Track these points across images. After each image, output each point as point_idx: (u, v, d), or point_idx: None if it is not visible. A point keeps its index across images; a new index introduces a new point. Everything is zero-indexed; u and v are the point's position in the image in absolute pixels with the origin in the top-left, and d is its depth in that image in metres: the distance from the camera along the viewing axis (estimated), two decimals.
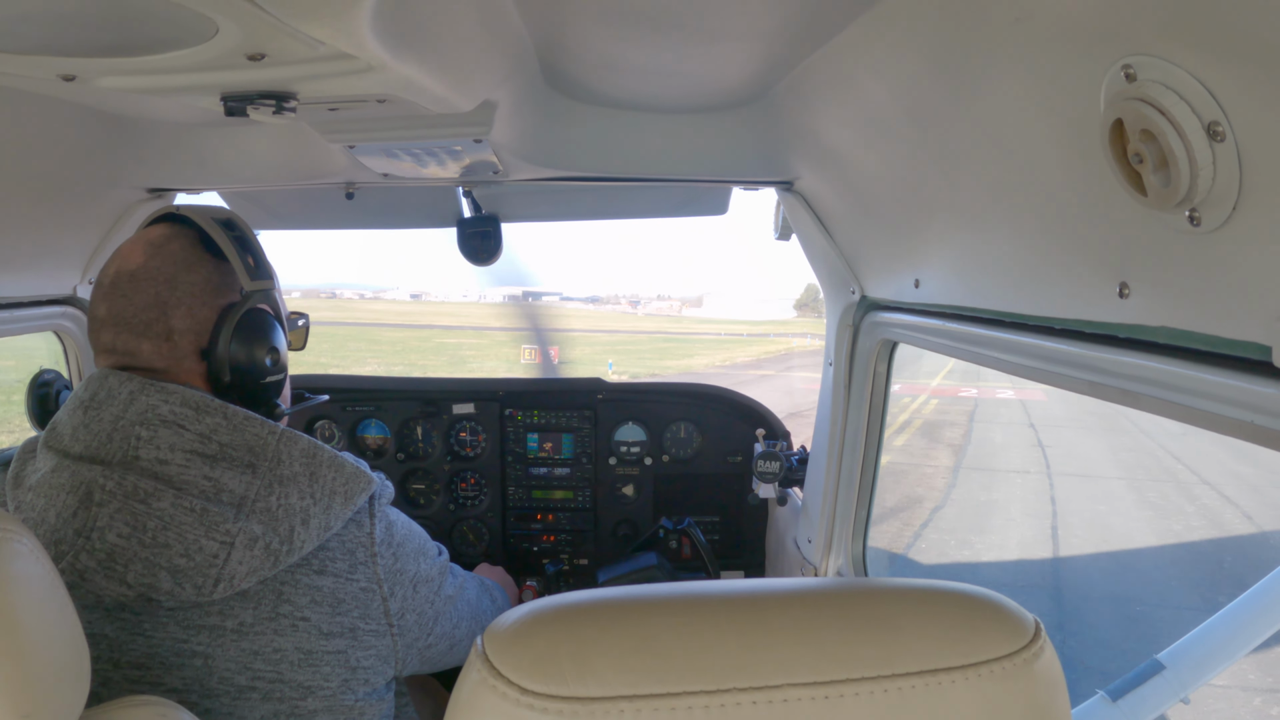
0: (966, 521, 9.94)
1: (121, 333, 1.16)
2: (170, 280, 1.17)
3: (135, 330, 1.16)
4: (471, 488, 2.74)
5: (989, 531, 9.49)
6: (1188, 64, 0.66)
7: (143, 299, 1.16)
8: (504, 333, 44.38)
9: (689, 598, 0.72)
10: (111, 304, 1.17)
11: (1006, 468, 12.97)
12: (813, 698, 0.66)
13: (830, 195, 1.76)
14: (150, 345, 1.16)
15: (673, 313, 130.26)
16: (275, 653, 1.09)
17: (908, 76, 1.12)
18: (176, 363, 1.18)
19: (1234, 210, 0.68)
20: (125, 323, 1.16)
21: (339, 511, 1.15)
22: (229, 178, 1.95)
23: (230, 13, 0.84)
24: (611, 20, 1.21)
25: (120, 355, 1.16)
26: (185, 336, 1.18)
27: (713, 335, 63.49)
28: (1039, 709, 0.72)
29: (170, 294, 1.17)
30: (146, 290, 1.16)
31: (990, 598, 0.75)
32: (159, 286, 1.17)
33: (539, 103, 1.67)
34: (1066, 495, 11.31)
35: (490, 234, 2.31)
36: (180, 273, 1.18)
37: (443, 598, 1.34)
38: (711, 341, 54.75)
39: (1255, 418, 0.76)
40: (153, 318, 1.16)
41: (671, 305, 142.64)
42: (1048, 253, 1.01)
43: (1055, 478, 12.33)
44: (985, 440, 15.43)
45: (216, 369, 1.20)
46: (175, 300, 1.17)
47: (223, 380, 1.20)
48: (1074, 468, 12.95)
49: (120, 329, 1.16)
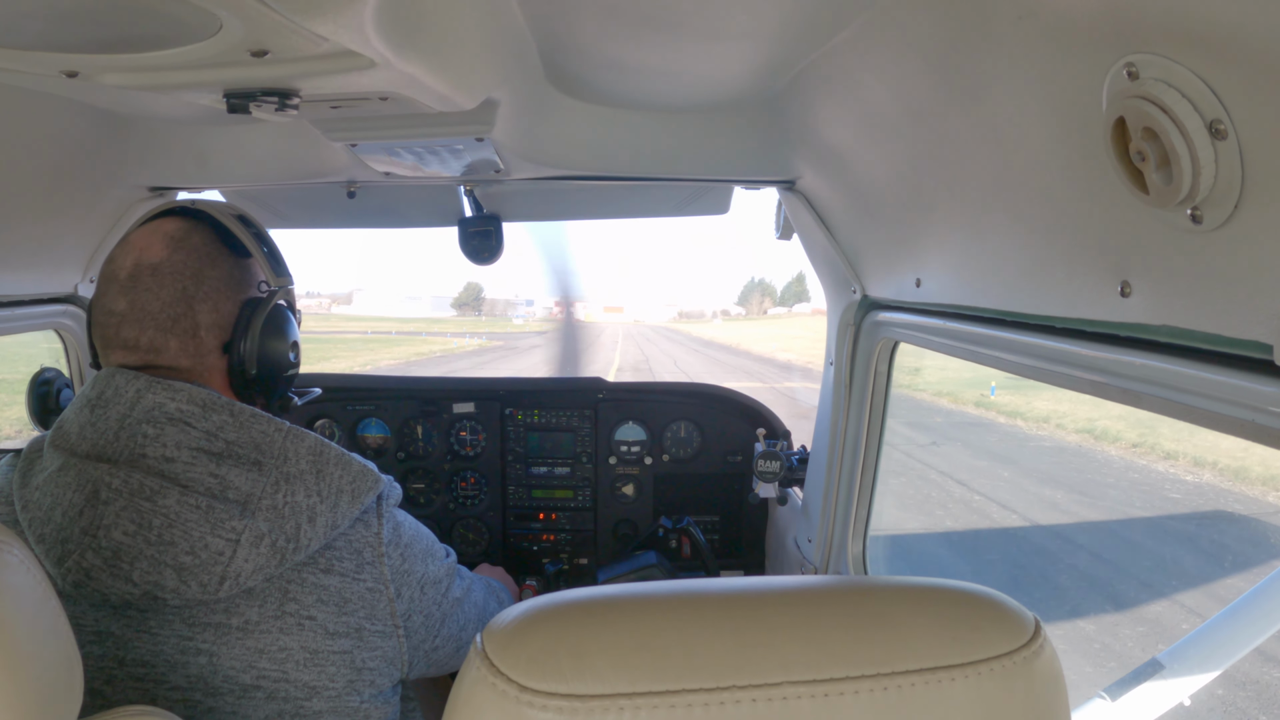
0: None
1: (147, 328, 1.14)
2: (196, 275, 1.16)
3: (162, 326, 1.14)
4: (471, 487, 2.74)
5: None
6: (1190, 62, 0.66)
7: (169, 294, 1.15)
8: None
9: (688, 595, 0.72)
10: (134, 298, 1.14)
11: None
12: (812, 695, 0.66)
13: (831, 194, 1.76)
14: (177, 341, 1.15)
15: (322, 310, 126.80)
16: (281, 651, 1.09)
17: (909, 75, 1.12)
18: (200, 359, 1.17)
19: (1236, 209, 0.68)
20: (151, 317, 1.14)
21: (346, 509, 1.15)
22: (231, 176, 1.95)
23: (234, 9, 0.84)
24: (614, 19, 1.21)
25: (143, 351, 1.15)
26: (210, 332, 1.17)
27: (358, 334, 60.13)
28: (1039, 707, 0.72)
29: (196, 289, 1.16)
30: (172, 285, 1.15)
31: (990, 596, 0.75)
32: (185, 281, 1.15)
33: (541, 101, 1.67)
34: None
35: (492, 233, 2.30)
36: (205, 267, 1.18)
37: (450, 600, 1.33)
38: (356, 342, 50.47)
39: (1257, 417, 0.76)
40: (180, 312, 1.15)
41: (321, 303, 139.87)
42: (1049, 252, 1.01)
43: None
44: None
45: (241, 364, 1.20)
46: (201, 295, 1.16)
47: (248, 375, 1.20)
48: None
49: (145, 324, 1.14)
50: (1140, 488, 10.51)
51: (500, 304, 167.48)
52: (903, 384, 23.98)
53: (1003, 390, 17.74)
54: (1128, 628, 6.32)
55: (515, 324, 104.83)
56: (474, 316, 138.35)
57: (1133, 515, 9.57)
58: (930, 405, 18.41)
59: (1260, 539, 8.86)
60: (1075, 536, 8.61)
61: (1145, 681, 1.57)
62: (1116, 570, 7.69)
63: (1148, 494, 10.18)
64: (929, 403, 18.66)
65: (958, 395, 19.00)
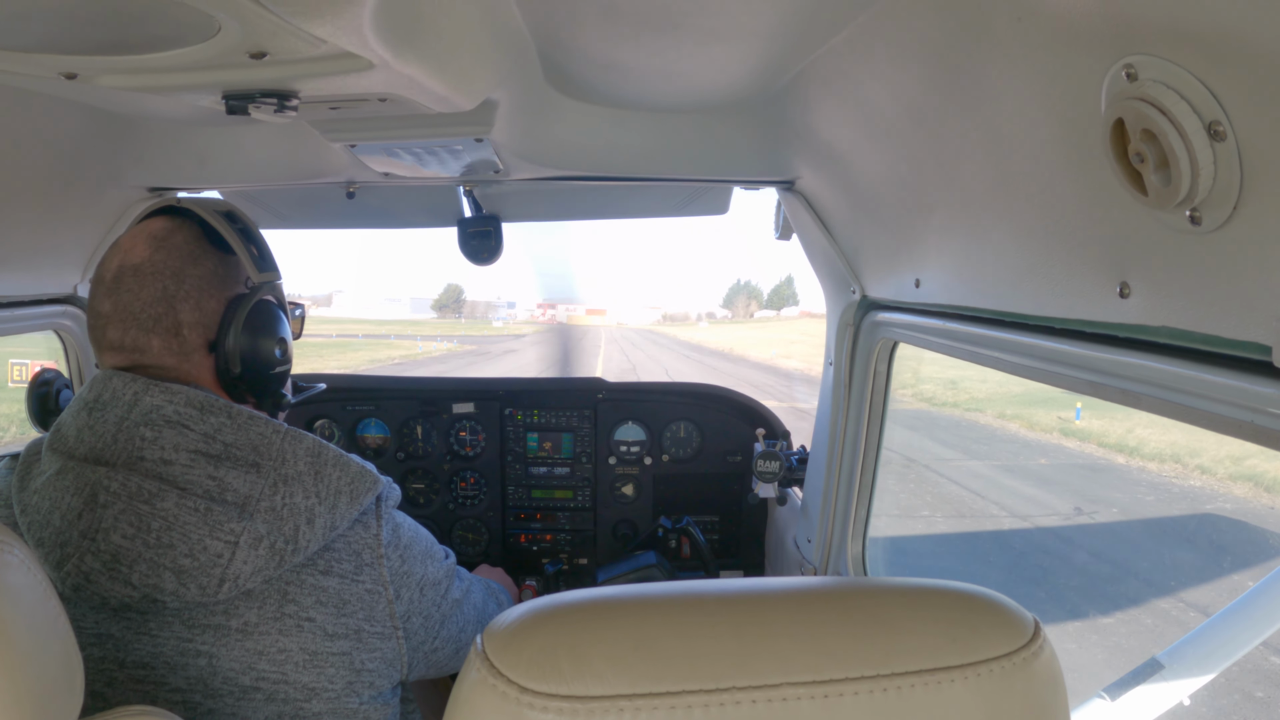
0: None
1: (130, 329, 1.15)
2: (176, 274, 1.16)
3: (144, 326, 1.15)
4: (471, 487, 2.74)
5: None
6: (1189, 64, 0.66)
7: (149, 294, 1.15)
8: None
9: (688, 596, 0.72)
10: (117, 299, 1.15)
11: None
12: (811, 696, 0.66)
13: (831, 195, 1.76)
14: (160, 340, 1.15)
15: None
16: (280, 653, 1.08)
17: (908, 76, 1.13)
18: (185, 357, 1.17)
19: (1235, 210, 0.68)
20: (133, 318, 1.15)
21: (345, 511, 1.15)
22: (230, 177, 1.95)
23: (232, 11, 0.84)
24: (613, 20, 1.21)
25: (129, 352, 1.15)
26: (194, 330, 1.17)
27: (323, 338, 57.56)
28: (1038, 708, 0.72)
29: (177, 288, 1.16)
30: (153, 285, 1.15)
31: (989, 597, 0.75)
32: (165, 280, 1.16)
33: (540, 102, 1.67)
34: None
35: (491, 234, 2.30)
36: (186, 266, 1.17)
37: (449, 601, 1.33)
38: (317, 346, 46.86)
39: (1256, 418, 0.76)
40: (161, 312, 1.15)
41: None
42: (1048, 252, 1.01)
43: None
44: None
45: (226, 362, 1.19)
46: (183, 294, 1.16)
47: (232, 373, 1.20)
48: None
49: (128, 324, 1.15)
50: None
51: (481, 306, 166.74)
52: (944, 400, 19.18)
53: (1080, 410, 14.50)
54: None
55: (495, 326, 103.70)
56: (454, 319, 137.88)
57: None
58: (996, 432, 15.20)
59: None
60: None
61: (1145, 682, 1.58)
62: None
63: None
64: (995, 429, 15.47)
65: (1028, 418, 15.59)
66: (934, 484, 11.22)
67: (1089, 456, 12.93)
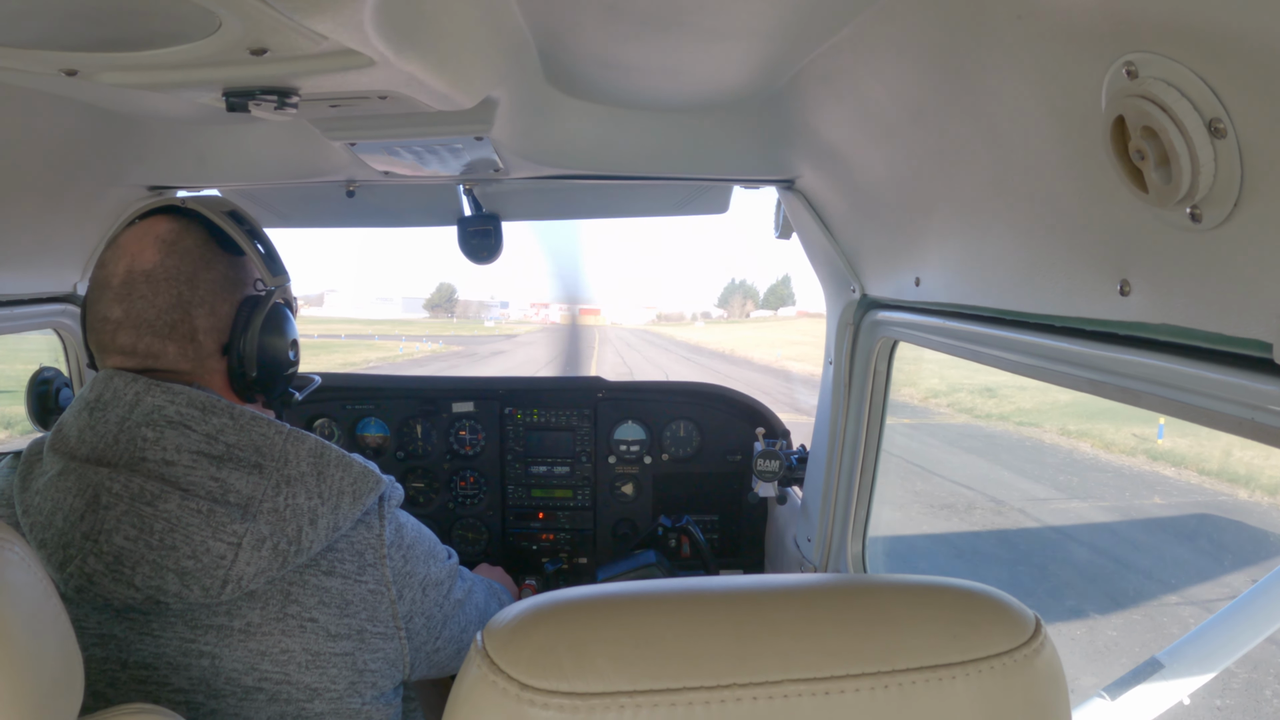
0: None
1: (143, 335, 1.13)
2: (190, 279, 1.15)
3: (159, 332, 1.13)
4: (471, 486, 2.74)
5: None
6: (1189, 61, 0.66)
7: (164, 300, 1.13)
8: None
9: (689, 593, 0.72)
10: (129, 306, 1.13)
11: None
12: (813, 693, 0.66)
13: (831, 193, 1.76)
14: (176, 347, 1.14)
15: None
16: (283, 654, 1.08)
17: (908, 74, 1.12)
18: (200, 362, 1.16)
19: (1235, 207, 0.68)
20: (147, 324, 1.13)
21: (347, 511, 1.14)
22: (230, 175, 1.94)
23: (233, 7, 0.84)
24: (613, 18, 1.21)
25: (142, 358, 1.14)
26: (209, 336, 1.17)
27: (303, 339, 59.53)
28: (1039, 705, 0.72)
29: (192, 294, 1.15)
30: (167, 292, 1.14)
31: (990, 594, 0.75)
32: (180, 286, 1.14)
33: (540, 100, 1.67)
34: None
35: (491, 233, 2.30)
36: (199, 271, 1.16)
37: (451, 601, 1.33)
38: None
39: (1256, 415, 0.76)
40: (177, 319, 1.14)
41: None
42: (1049, 250, 1.01)
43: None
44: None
45: (242, 365, 1.19)
46: (197, 300, 1.15)
47: (248, 376, 1.20)
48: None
49: (141, 331, 1.13)
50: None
51: (474, 305, 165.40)
52: (987, 411, 16.96)
53: (1133, 422, 11.82)
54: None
55: (487, 326, 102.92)
56: (446, 319, 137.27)
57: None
58: (1071, 455, 12.34)
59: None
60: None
61: (1145, 681, 1.58)
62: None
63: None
64: (1065, 449, 12.70)
65: (1099, 436, 12.81)
66: (1062, 549, 8.04)
67: (1203, 490, 10.10)
